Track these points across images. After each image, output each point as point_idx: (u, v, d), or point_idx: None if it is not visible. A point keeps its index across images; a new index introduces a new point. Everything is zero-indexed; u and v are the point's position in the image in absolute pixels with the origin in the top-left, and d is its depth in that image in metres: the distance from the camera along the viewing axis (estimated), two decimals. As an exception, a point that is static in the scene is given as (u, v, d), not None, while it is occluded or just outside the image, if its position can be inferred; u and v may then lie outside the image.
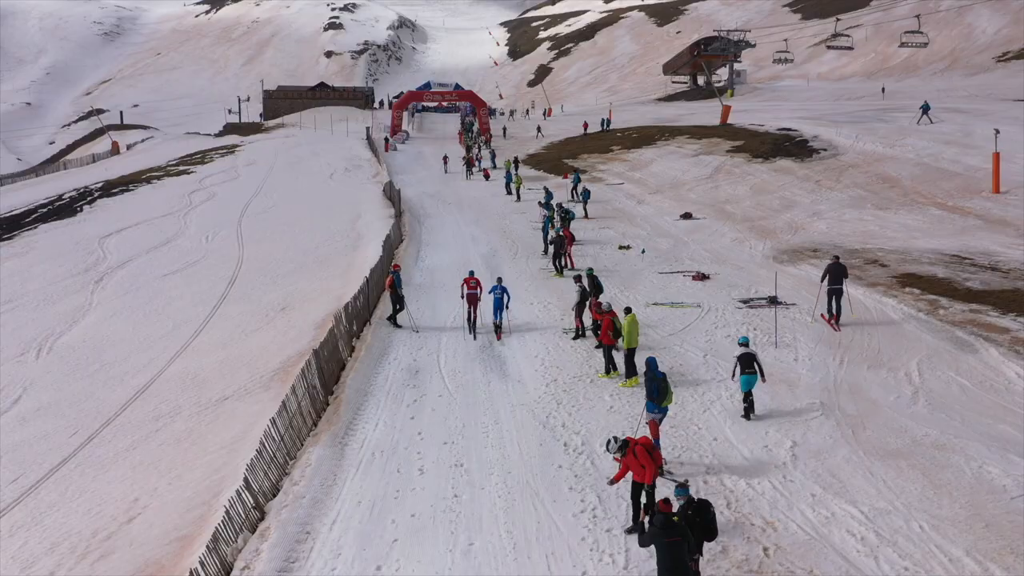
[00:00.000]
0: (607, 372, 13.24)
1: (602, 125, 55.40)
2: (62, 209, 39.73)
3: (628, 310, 13.22)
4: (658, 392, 9.95)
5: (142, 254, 28.58)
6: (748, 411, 11.33)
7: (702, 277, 19.45)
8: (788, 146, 38.87)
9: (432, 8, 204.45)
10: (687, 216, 28.31)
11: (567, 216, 24.89)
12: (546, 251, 22.81)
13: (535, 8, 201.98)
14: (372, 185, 40.79)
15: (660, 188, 34.60)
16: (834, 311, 15.73)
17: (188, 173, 48.74)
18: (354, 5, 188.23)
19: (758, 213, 27.99)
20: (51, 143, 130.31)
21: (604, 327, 13.16)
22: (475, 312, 16.32)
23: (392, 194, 33.62)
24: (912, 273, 18.90)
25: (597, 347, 14.23)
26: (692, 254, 22.78)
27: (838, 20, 60.00)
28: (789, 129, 42.16)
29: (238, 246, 28.38)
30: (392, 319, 16.61)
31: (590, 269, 16.46)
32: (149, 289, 23.94)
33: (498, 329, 15.99)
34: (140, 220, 34.70)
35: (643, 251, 22.34)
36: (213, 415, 13.97)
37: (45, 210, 40.14)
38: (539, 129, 57.11)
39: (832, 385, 12.27)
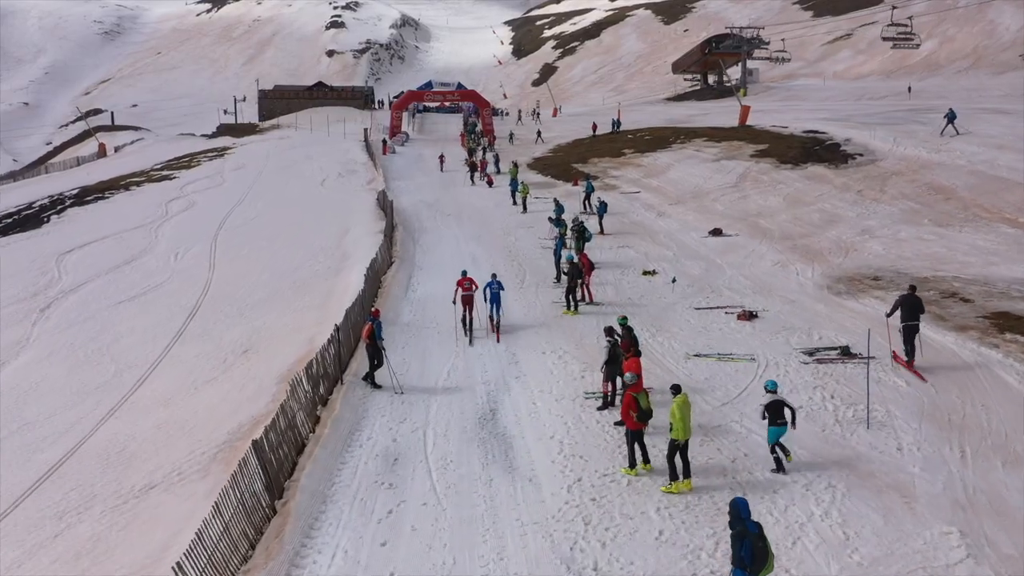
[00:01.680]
0: (631, 466, 9.93)
1: (612, 126, 51.90)
2: (28, 219, 36.58)
3: (676, 389, 9.92)
4: (752, 557, 6.54)
5: (101, 275, 25.36)
6: (780, 465, 9.86)
7: (749, 316, 16.07)
8: (819, 150, 35.55)
9: (435, 7, 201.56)
10: (717, 232, 24.95)
11: (583, 234, 21.56)
12: (558, 278, 19.48)
13: (539, 7, 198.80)
14: (366, 193, 37.51)
15: (681, 198, 31.25)
16: (911, 353, 12.82)
17: (170, 179, 45.55)
18: (356, 3, 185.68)
19: (798, 229, 24.63)
20: (48, 144, 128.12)
21: (625, 406, 9.84)
22: (470, 315, 15.74)
23: (385, 204, 30.33)
24: (1005, 312, 15.51)
25: (617, 423, 11.03)
26: (730, 282, 19.42)
27: (894, 8, 55.03)
28: (816, 131, 38.88)
29: (209, 266, 25.14)
30: (369, 378, 13.29)
31: (623, 318, 13.09)
32: (98, 320, 20.71)
33: (495, 325, 15.83)
34: (108, 233, 31.51)
35: (673, 280, 18.95)
36: (131, 513, 10.71)
37: (11, 220, 37.00)
38: (539, 134, 52.75)
39: (964, 497, 8.93)
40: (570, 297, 16.98)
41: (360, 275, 18.55)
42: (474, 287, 15.90)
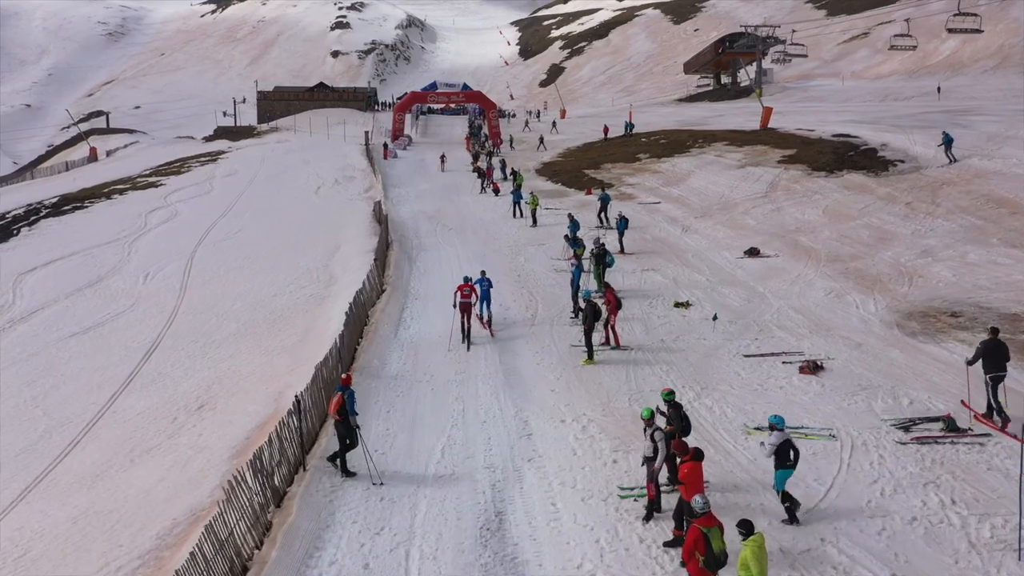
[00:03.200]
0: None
1: (625, 129, 48.83)
2: (-3, 232, 33.93)
3: (747, 528, 6.75)
4: None
5: (60, 299, 22.57)
6: (792, 512, 8.62)
7: (814, 368, 13.09)
8: (854, 156, 32.61)
9: (442, 7, 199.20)
10: (754, 252, 21.98)
11: (603, 258, 18.57)
12: (576, 313, 16.54)
13: (546, 7, 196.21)
14: (362, 202, 34.80)
15: (707, 210, 28.29)
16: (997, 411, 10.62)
17: (156, 186, 42.82)
18: (362, 4, 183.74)
19: (847, 249, 21.63)
20: (50, 146, 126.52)
21: (689, 544, 6.89)
22: (469, 322, 15.44)
23: (381, 218, 27.50)
24: None
25: (668, 544, 8.17)
26: (779, 317, 16.45)
27: (959, -2, 50.26)
28: (847, 135, 35.97)
29: (179, 290, 22.32)
30: (339, 461, 10.34)
31: (669, 393, 9.85)
32: (43, 358, 17.90)
33: (484, 321, 16.00)
34: (79, 248, 28.74)
35: (714, 317, 15.93)
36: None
37: (-20, 232, 34.34)
38: (541, 140, 48.98)
39: None
40: (589, 341, 13.95)
41: (346, 309, 15.62)
42: (474, 295, 15.69)
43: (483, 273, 16.84)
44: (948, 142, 28.41)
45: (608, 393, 12.39)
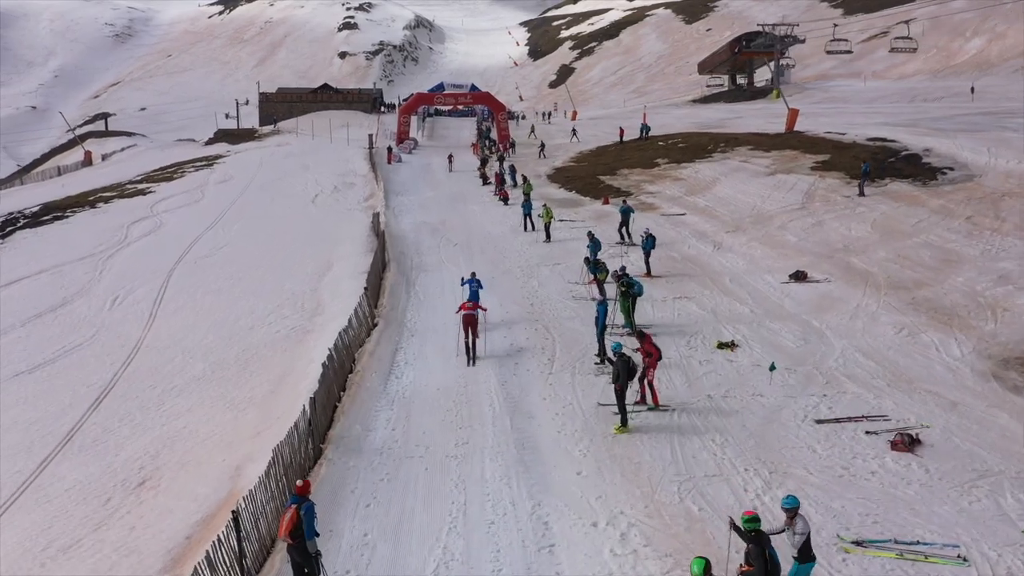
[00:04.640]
0: None
1: (641, 132, 45.87)
2: (-33, 245, 31.56)
3: None
4: None
5: (15, 327, 20.07)
6: None
7: (909, 442, 10.34)
8: (896, 163, 29.79)
9: (450, 8, 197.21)
10: (800, 276, 19.21)
11: (630, 288, 15.83)
12: (602, 358, 13.79)
13: (556, 7, 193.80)
14: (361, 213, 32.25)
15: (739, 223, 25.53)
16: None
17: (145, 193, 40.39)
18: (370, 5, 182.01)
19: (908, 273, 18.84)
20: (51, 148, 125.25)
21: None
22: (472, 336, 14.43)
23: (379, 232, 24.91)
24: None
25: None
26: (845, 363, 13.67)
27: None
28: (884, 139, 33.14)
29: (148, 317, 19.75)
30: (296, 595, 7.71)
31: (753, 519, 6.89)
32: (-22, 405, 15.34)
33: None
34: (50, 265, 26.28)
35: (772, 367, 13.10)
36: None
37: (-49, 245, 32.00)
38: (543, 147, 45.25)
39: None
40: (623, 404, 11.21)
41: (325, 357, 12.95)
42: (478, 309, 14.87)
43: (473, 275, 17.03)
44: (865, 173, 26.35)
45: (650, 479, 9.64)
